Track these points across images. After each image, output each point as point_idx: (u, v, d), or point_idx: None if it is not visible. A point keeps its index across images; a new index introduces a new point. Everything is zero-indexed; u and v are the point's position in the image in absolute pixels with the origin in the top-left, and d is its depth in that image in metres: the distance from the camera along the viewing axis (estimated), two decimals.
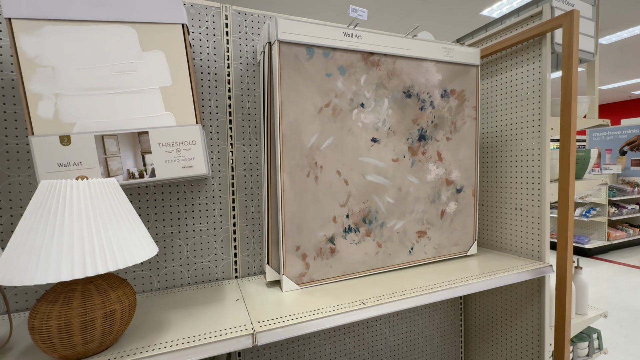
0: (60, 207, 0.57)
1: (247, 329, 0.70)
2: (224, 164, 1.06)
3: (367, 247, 1.04)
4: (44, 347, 0.57)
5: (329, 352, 1.23)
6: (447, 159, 1.14)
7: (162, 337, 0.68)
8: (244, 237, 1.09)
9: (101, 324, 0.60)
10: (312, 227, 0.96)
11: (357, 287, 0.94)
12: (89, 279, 0.63)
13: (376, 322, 1.31)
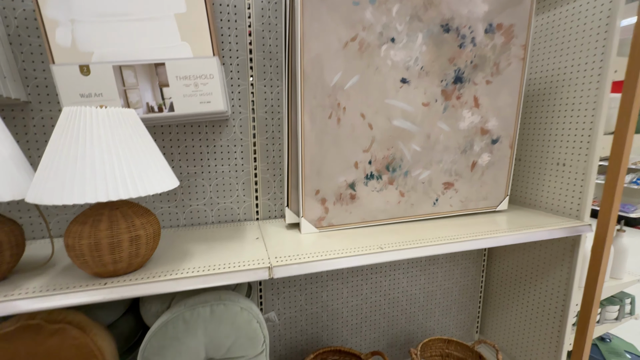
0: (81, 133, 0.58)
1: (264, 263, 0.72)
2: (244, 106, 1.03)
3: (389, 196, 1.00)
4: (78, 263, 0.62)
5: (346, 296, 1.27)
6: (485, 105, 1.03)
7: (185, 265, 0.71)
8: (265, 181, 1.09)
9: (127, 246, 0.63)
10: (333, 171, 0.93)
11: (377, 234, 0.93)
12: (114, 206, 0.66)
13: (395, 271, 1.32)
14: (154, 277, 0.65)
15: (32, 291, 0.60)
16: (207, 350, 0.70)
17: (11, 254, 0.64)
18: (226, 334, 0.70)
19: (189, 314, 0.69)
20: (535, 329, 1.22)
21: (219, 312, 0.70)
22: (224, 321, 0.70)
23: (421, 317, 1.41)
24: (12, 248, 0.64)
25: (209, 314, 0.70)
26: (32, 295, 0.59)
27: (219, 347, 0.70)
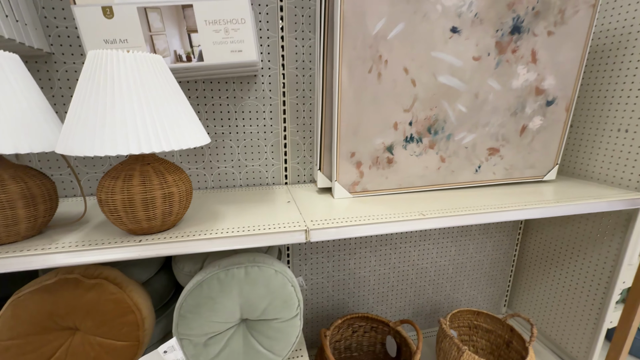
0: (109, 79, 0.53)
1: (300, 226, 0.68)
2: (274, 61, 0.95)
3: (429, 161, 0.93)
4: (112, 219, 0.60)
5: (374, 264, 1.25)
6: (543, 60, 0.91)
7: (218, 225, 0.68)
8: (295, 144, 1.04)
9: (161, 203, 0.60)
10: (370, 132, 0.86)
11: (414, 200, 0.87)
12: (146, 161, 0.62)
13: (424, 241, 1.27)
14: (189, 236, 0.63)
15: (69, 246, 0.59)
16: (242, 311, 0.68)
17: (45, 209, 0.62)
18: (261, 296, 0.68)
19: (223, 274, 0.67)
20: (572, 305, 1.17)
21: (254, 274, 0.68)
22: (258, 283, 0.68)
23: (449, 288, 1.37)
24: (45, 202, 0.62)
25: (244, 276, 0.68)
26: (69, 250, 0.58)
27: (254, 308, 0.68)
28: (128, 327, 0.66)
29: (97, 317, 0.65)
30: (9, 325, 0.61)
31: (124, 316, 0.66)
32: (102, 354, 0.65)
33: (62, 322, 0.64)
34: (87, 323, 0.65)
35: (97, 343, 0.65)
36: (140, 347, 0.68)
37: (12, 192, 0.57)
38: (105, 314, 0.65)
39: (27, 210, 0.59)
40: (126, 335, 0.66)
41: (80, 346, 0.65)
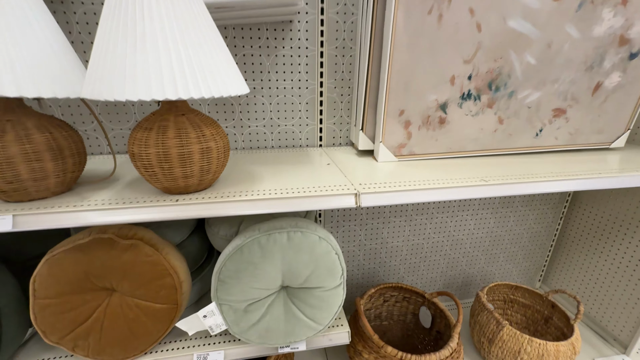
0: (138, 10, 0.45)
1: (348, 189, 0.61)
2: (312, 3, 0.84)
3: (485, 122, 0.83)
4: (147, 175, 0.54)
5: (408, 234, 1.19)
6: (636, 3, 0.76)
7: (257, 186, 0.62)
8: (331, 102, 0.94)
9: (199, 159, 0.54)
10: (423, 87, 0.76)
11: (465, 166, 0.78)
12: (180, 111, 0.55)
13: (463, 212, 1.20)
14: (229, 197, 0.57)
15: (101, 203, 0.54)
16: (284, 278, 0.64)
17: (74, 162, 0.57)
18: (304, 264, 0.63)
19: (264, 239, 0.62)
20: (619, 284, 1.09)
21: (297, 239, 0.63)
22: (302, 250, 0.63)
23: (483, 261, 1.31)
24: (73, 156, 0.57)
25: (286, 241, 0.62)
26: (102, 208, 0.53)
27: (296, 275, 0.64)
28: (166, 290, 0.63)
29: (134, 279, 0.61)
30: (46, 284, 0.59)
31: (161, 279, 0.63)
32: (141, 316, 0.63)
33: (99, 282, 0.61)
34: (124, 284, 0.62)
35: (135, 305, 0.63)
36: (178, 310, 0.65)
37: (38, 142, 0.51)
38: (142, 276, 0.61)
39: (55, 164, 0.54)
40: (164, 298, 0.63)
41: (119, 307, 0.63)
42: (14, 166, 0.50)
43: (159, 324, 0.65)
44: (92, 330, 0.62)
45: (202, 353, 0.68)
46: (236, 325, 0.65)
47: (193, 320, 0.65)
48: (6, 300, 0.59)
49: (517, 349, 0.95)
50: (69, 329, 0.61)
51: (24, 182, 0.51)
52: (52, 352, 0.68)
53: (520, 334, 0.95)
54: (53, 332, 0.61)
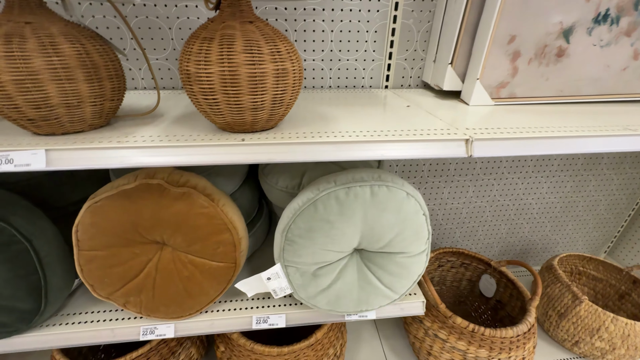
0: None
1: (455, 133, 0.47)
2: None
3: (615, 56, 0.64)
4: (205, 104, 0.42)
5: (471, 195, 1.05)
6: None
7: (333, 127, 0.49)
8: (406, 30, 0.76)
9: (273, 84, 0.41)
10: (547, 4, 0.57)
11: (577, 115, 0.61)
12: (246, 19, 0.41)
13: (538, 173, 1.04)
14: (307, 138, 0.44)
15: (151, 140, 0.43)
16: (361, 240, 0.53)
17: (112, 87, 0.45)
18: (389, 225, 0.52)
19: (343, 193, 0.50)
20: None
21: (382, 195, 0.51)
22: (387, 208, 0.51)
23: (549, 228, 1.18)
24: (111, 78, 0.44)
25: (369, 197, 0.50)
26: (151, 145, 0.42)
27: (378, 238, 0.53)
28: (224, 247, 0.54)
29: (188, 233, 0.52)
30: (89, 234, 0.50)
31: (219, 234, 0.53)
32: (196, 274, 0.55)
33: (148, 235, 0.52)
34: (177, 239, 0.53)
35: (189, 261, 0.55)
36: (236, 269, 0.57)
37: (67, 55, 0.39)
38: (197, 230, 0.52)
39: (90, 87, 0.42)
40: (222, 255, 0.55)
41: (171, 263, 0.55)
42: (41, 85, 0.38)
43: (216, 284, 0.57)
44: (144, 287, 0.54)
45: (261, 316, 0.61)
46: (303, 290, 0.56)
47: (255, 282, 0.56)
48: (48, 249, 0.52)
49: (596, 326, 0.85)
50: (119, 285, 0.54)
51: (55, 108, 0.40)
52: (101, 305, 0.62)
53: (602, 311, 0.84)
54: (102, 287, 0.54)
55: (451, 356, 0.77)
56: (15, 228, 0.49)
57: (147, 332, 0.58)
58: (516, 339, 0.74)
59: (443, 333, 0.77)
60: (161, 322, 0.59)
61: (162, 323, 0.59)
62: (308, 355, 0.71)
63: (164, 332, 0.59)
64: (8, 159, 0.39)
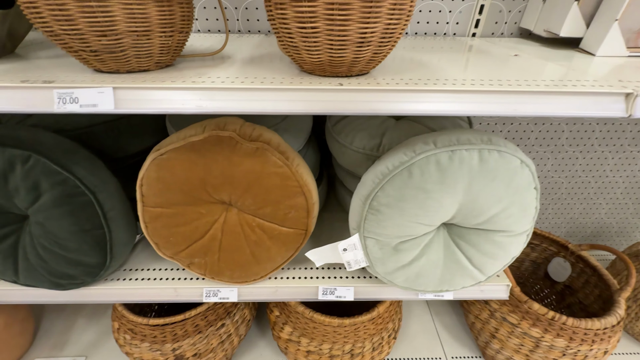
0: None
1: (611, 86, 0.36)
2: None
3: None
4: (299, 34, 0.33)
5: (549, 169, 0.93)
6: None
7: (438, 75, 0.39)
8: None
9: (388, 11, 0.31)
10: None
11: None
12: None
13: (632, 147, 0.89)
14: (418, 85, 0.35)
15: (230, 81, 0.35)
16: (458, 213, 0.46)
17: (182, 16, 0.37)
18: (497, 197, 0.43)
19: (446, 157, 0.42)
20: None
21: (492, 162, 0.42)
22: (497, 177, 0.42)
23: (630, 211, 1.04)
24: (181, 4, 0.37)
25: (477, 163, 0.42)
26: (230, 86, 0.34)
27: (479, 212, 0.45)
28: (296, 212, 0.48)
29: (259, 195, 0.46)
30: (155, 189, 0.46)
31: (292, 198, 0.47)
32: (264, 239, 0.50)
33: (216, 193, 0.47)
34: (247, 200, 0.47)
35: (257, 225, 0.50)
36: (306, 236, 0.52)
37: None
38: (269, 192, 0.46)
39: (160, 11, 0.34)
40: (293, 221, 0.49)
41: (238, 226, 0.50)
42: (107, 6, 0.31)
43: (284, 250, 0.52)
44: (210, 250, 0.51)
45: (328, 287, 0.56)
46: (381, 265, 0.50)
47: (328, 252, 0.51)
48: (111, 203, 0.48)
49: None
50: (184, 245, 0.50)
51: (121, 37, 0.33)
52: (163, 262, 0.60)
53: None
54: (167, 246, 0.50)
55: (520, 342, 0.71)
56: (78, 179, 0.45)
57: (210, 295, 0.56)
58: (602, 332, 0.66)
59: (514, 317, 0.71)
60: (224, 285, 0.56)
61: (226, 286, 0.56)
62: (368, 328, 0.67)
63: (227, 296, 0.56)
64: (73, 97, 0.33)
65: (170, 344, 0.66)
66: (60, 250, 0.48)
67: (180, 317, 0.65)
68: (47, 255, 0.49)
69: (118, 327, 0.69)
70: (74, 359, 0.82)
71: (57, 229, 0.47)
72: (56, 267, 0.50)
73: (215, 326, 0.70)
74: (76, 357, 0.82)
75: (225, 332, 0.71)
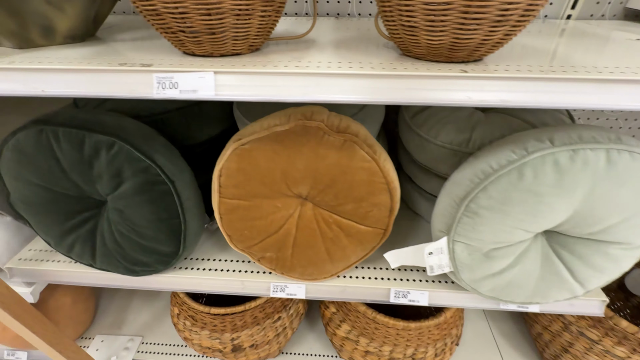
0: None
1: None
2: None
3: None
4: (425, 12, 0.29)
5: None
6: None
7: (567, 62, 0.33)
8: None
9: None
10: None
11: None
12: None
13: None
14: (556, 73, 0.30)
15: (336, 66, 0.32)
16: (569, 220, 0.40)
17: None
18: (622, 205, 0.38)
19: (566, 157, 0.36)
20: None
21: (622, 165, 0.36)
22: (627, 182, 0.37)
23: None
24: None
25: (604, 165, 0.36)
26: (339, 72, 0.31)
27: (596, 220, 0.39)
28: (378, 211, 0.45)
29: (343, 191, 0.43)
30: (234, 181, 0.44)
31: (377, 195, 0.44)
32: (342, 238, 0.47)
33: (295, 187, 0.45)
34: (327, 195, 0.44)
35: (334, 222, 0.47)
36: (384, 236, 0.48)
37: None
38: (353, 188, 0.43)
39: None
40: (374, 220, 0.46)
41: (313, 222, 0.47)
42: None
43: (360, 250, 0.49)
44: (284, 245, 0.48)
45: (401, 290, 0.53)
46: (468, 272, 0.46)
47: (409, 254, 0.47)
48: (187, 193, 0.47)
49: None
50: (258, 239, 0.48)
51: (225, 17, 0.31)
52: (228, 253, 0.59)
53: None
54: (241, 239, 0.49)
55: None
56: (159, 167, 0.44)
57: (277, 290, 0.54)
58: None
59: (594, 333, 0.64)
60: (292, 281, 0.54)
61: (293, 282, 0.54)
62: (433, 333, 0.64)
63: (294, 292, 0.54)
64: (172, 82, 0.31)
65: (230, 334, 0.66)
66: (137, 238, 0.48)
67: (241, 308, 0.64)
68: (124, 241, 0.49)
69: (178, 312, 0.70)
70: (132, 338, 0.85)
71: (135, 217, 0.46)
72: (132, 253, 0.50)
73: (272, 319, 0.69)
74: (134, 336, 0.85)
75: (281, 325, 0.70)
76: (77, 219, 0.49)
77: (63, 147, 0.42)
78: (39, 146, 0.42)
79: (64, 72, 0.32)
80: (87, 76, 0.32)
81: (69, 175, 0.44)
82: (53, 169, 0.43)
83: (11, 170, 0.44)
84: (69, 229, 0.49)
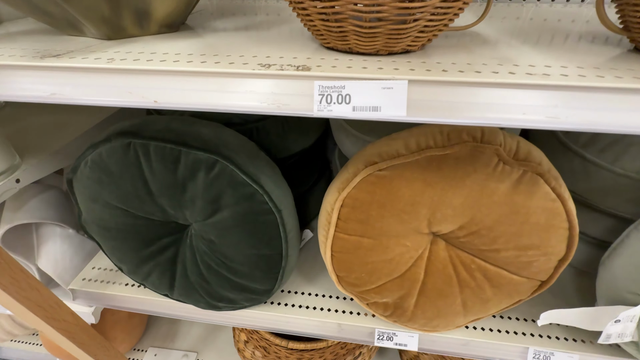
0: None
1: None
2: None
3: None
4: None
5: None
6: None
7: None
8: None
9: None
10: None
11: None
12: None
13: None
14: None
15: (559, 73, 0.21)
16: None
17: None
18: None
19: None
20: None
21: None
22: None
23: None
24: None
25: None
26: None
27: None
28: (546, 261, 0.34)
29: (507, 235, 0.33)
30: (363, 215, 0.34)
31: (554, 243, 0.33)
32: (485, 288, 0.37)
33: (438, 225, 0.34)
34: (481, 239, 0.34)
35: (479, 268, 0.36)
36: (540, 289, 0.38)
37: None
38: (522, 234, 0.33)
39: None
40: (536, 270, 0.35)
41: (449, 266, 0.37)
42: None
43: (504, 303, 0.39)
44: (408, 292, 0.39)
45: (542, 350, 0.42)
46: None
47: (574, 316, 0.37)
48: (292, 223, 0.38)
49: None
50: (376, 283, 0.39)
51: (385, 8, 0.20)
52: (317, 285, 0.50)
53: None
54: (355, 282, 0.39)
55: None
56: (267, 193, 0.35)
57: (383, 337, 0.45)
58: None
59: None
60: (404, 329, 0.44)
61: (403, 330, 0.44)
62: None
63: (404, 342, 0.45)
64: (342, 95, 0.21)
65: None
66: (227, 273, 0.39)
67: (322, 344, 0.56)
68: (211, 276, 0.40)
69: (246, 340, 0.62)
70: (187, 353, 0.79)
71: (229, 250, 0.38)
72: (218, 289, 0.41)
73: (353, 355, 0.60)
74: (188, 352, 0.79)
75: None
76: (156, 245, 0.41)
77: (154, 167, 0.33)
78: (125, 164, 0.33)
79: (182, 75, 0.23)
80: (214, 82, 0.23)
81: (156, 199, 0.36)
82: (139, 191, 0.35)
83: (88, 189, 0.36)
84: (147, 257, 0.42)
